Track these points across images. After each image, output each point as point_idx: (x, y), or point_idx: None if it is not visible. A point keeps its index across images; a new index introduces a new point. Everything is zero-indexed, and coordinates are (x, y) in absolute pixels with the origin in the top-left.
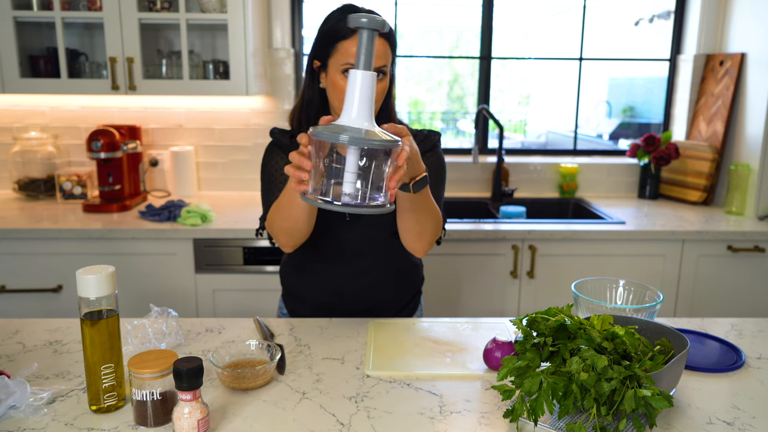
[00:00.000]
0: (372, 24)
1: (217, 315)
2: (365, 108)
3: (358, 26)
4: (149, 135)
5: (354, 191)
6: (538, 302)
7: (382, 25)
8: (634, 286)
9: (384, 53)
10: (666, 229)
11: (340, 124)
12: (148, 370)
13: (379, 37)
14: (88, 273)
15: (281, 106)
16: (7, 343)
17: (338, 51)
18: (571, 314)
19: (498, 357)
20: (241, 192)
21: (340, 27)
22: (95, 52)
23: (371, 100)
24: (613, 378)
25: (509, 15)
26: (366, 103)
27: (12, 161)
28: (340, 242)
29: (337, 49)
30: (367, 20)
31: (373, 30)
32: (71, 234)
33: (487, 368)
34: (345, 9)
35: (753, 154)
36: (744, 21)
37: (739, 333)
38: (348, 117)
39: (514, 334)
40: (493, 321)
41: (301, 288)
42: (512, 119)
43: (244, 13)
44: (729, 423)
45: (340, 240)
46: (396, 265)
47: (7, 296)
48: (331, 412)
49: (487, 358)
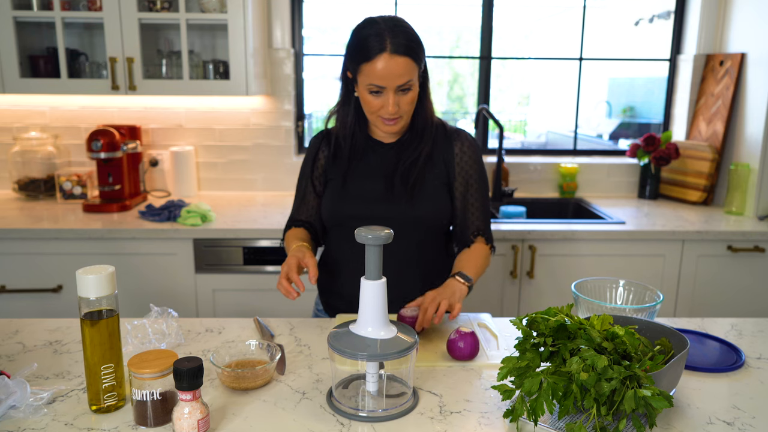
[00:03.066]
0: (375, 241)
1: (217, 315)
2: (379, 316)
3: (363, 242)
4: (149, 135)
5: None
6: (538, 302)
7: (386, 239)
8: (634, 286)
9: (406, 70)
10: (666, 229)
11: (358, 334)
12: (148, 370)
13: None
14: (88, 273)
15: (281, 106)
16: (7, 343)
17: (362, 72)
18: (571, 314)
19: (461, 347)
20: (241, 192)
21: (361, 48)
22: (95, 52)
23: (384, 307)
24: (613, 378)
25: (509, 15)
26: (379, 311)
27: (12, 161)
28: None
29: (361, 71)
30: (371, 237)
31: (377, 246)
32: (71, 234)
33: (451, 358)
34: (366, 24)
35: (753, 154)
36: (744, 21)
37: (739, 333)
38: (364, 327)
39: (478, 326)
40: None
41: (334, 282)
42: (512, 119)
43: (244, 13)
44: (729, 423)
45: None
46: (426, 256)
47: (7, 296)
48: (331, 412)
49: (451, 348)
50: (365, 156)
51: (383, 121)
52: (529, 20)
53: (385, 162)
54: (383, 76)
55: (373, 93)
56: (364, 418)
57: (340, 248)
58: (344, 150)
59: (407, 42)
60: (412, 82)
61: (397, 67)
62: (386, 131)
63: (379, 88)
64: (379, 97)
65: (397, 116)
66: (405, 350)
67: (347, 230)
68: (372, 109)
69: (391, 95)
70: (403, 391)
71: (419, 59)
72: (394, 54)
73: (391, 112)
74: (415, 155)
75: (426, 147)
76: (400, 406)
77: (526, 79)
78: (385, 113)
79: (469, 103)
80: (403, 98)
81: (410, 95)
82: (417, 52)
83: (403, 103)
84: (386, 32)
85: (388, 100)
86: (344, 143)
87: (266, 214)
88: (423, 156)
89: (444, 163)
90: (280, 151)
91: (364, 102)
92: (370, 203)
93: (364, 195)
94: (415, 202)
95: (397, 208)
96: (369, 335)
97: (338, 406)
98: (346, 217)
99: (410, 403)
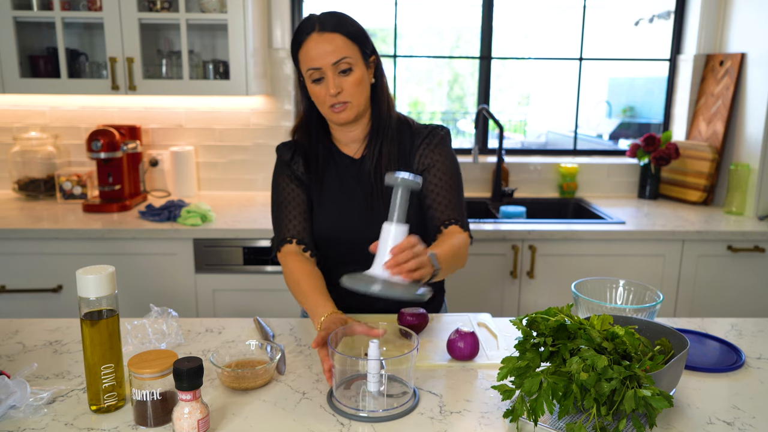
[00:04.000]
0: (405, 183)
1: (217, 315)
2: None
3: (392, 184)
4: (149, 135)
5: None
6: (538, 302)
7: (417, 185)
8: (634, 286)
9: (337, 46)
10: (666, 229)
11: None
12: (148, 370)
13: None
14: (88, 273)
15: (281, 106)
16: (7, 343)
17: (300, 60)
18: (571, 314)
19: (461, 347)
20: (241, 192)
21: (295, 37)
22: (95, 52)
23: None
24: (613, 378)
25: (509, 15)
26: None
27: (12, 161)
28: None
29: (299, 59)
30: (401, 179)
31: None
32: (71, 234)
33: (451, 358)
34: (304, 19)
35: (753, 154)
36: (744, 21)
37: (739, 333)
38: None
39: (477, 325)
40: (457, 315)
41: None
42: (512, 119)
43: (244, 13)
44: (729, 423)
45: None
46: None
47: (7, 296)
48: (331, 412)
49: (451, 349)
50: (338, 171)
51: (332, 110)
52: (529, 20)
53: (360, 176)
54: (315, 55)
55: (315, 81)
56: (364, 418)
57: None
58: (313, 163)
59: (337, 20)
60: (350, 60)
61: (327, 43)
62: (339, 120)
63: (317, 72)
64: (321, 85)
65: (343, 100)
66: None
67: (333, 249)
68: (320, 100)
69: (330, 75)
70: (403, 391)
71: (356, 39)
72: (322, 32)
73: (332, 92)
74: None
75: (390, 149)
76: (400, 406)
77: (526, 79)
78: (330, 98)
79: (469, 103)
80: (345, 80)
81: (352, 77)
82: (350, 32)
83: (346, 84)
84: (316, 17)
85: (328, 81)
86: (310, 153)
87: (266, 214)
88: (387, 160)
89: (407, 162)
90: None
91: (313, 96)
92: (352, 224)
93: (344, 216)
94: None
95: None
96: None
97: (338, 406)
98: (332, 239)
99: (410, 403)
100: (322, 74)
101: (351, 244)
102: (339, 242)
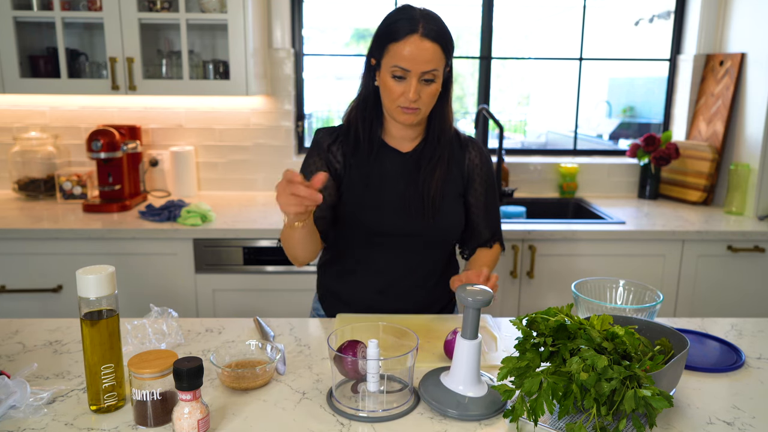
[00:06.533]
0: (476, 304)
1: (217, 315)
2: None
3: (466, 305)
4: (149, 135)
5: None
6: (538, 302)
7: (487, 303)
8: (634, 286)
9: (433, 57)
10: (666, 229)
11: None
12: (148, 370)
13: (428, 40)
14: (88, 273)
15: (281, 106)
16: (7, 343)
17: (389, 53)
18: (571, 314)
19: None
20: (241, 192)
21: (392, 29)
22: (95, 52)
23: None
24: (613, 378)
25: (509, 15)
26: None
27: (12, 161)
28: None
29: (388, 51)
30: (472, 300)
31: (477, 309)
32: (71, 234)
33: (448, 359)
34: (402, 9)
35: (753, 154)
36: (744, 21)
37: (739, 333)
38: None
39: None
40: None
41: (342, 289)
42: (512, 119)
43: (244, 13)
44: (729, 423)
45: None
46: (435, 266)
47: (7, 296)
48: (331, 412)
49: (448, 349)
50: (382, 163)
51: (402, 110)
52: (529, 20)
53: (405, 172)
54: (410, 57)
55: (396, 78)
56: (364, 418)
57: (353, 254)
58: (361, 149)
59: (439, 30)
60: (436, 72)
61: (425, 51)
62: (403, 121)
63: (403, 72)
64: (401, 83)
65: (416, 106)
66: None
67: (363, 240)
68: (392, 96)
69: (414, 81)
70: (403, 391)
71: (448, 53)
72: (424, 38)
73: (411, 99)
74: (432, 166)
75: (444, 156)
76: (400, 406)
77: (526, 79)
78: (405, 101)
79: (469, 103)
80: (425, 89)
81: (433, 87)
82: (446, 44)
83: (424, 94)
84: (420, 17)
85: (410, 86)
86: (363, 138)
87: (266, 214)
88: (442, 168)
89: (459, 173)
90: (280, 151)
91: (385, 88)
92: (390, 216)
93: (384, 206)
94: (436, 217)
95: (418, 223)
96: (461, 392)
97: (338, 406)
98: (365, 227)
99: (410, 403)
100: (406, 75)
101: (383, 236)
102: (366, 228)
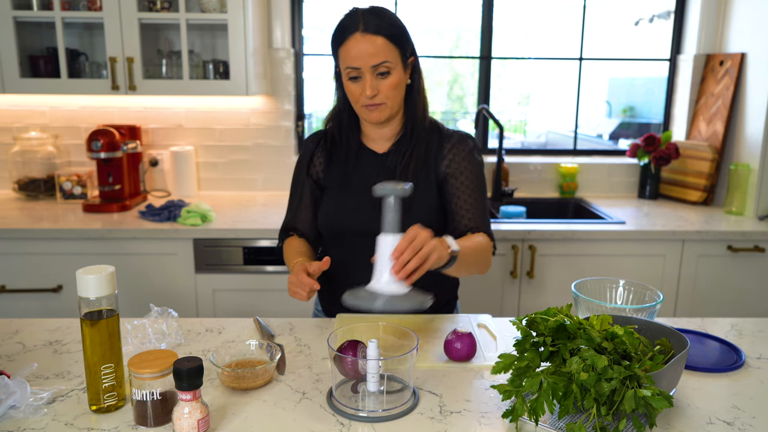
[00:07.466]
0: (392, 191)
1: (217, 315)
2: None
3: (381, 194)
4: (149, 135)
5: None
6: (538, 302)
7: (403, 191)
8: (634, 286)
9: (379, 49)
10: (666, 229)
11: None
12: (148, 370)
13: (370, 34)
14: (88, 273)
15: (281, 106)
16: (7, 343)
17: (341, 57)
18: (570, 314)
19: (458, 348)
20: (241, 192)
21: (337, 33)
22: (95, 52)
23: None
24: (613, 378)
25: (509, 15)
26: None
27: (12, 161)
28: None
29: (340, 55)
30: (389, 188)
31: (396, 196)
32: (71, 234)
33: (447, 359)
34: (347, 13)
35: (753, 154)
36: (744, 21)
37: (739, 333)
38: (378, 282)
39: (477, 326)
40: (457, 315)
41: (337, 289)
42: (512, 119)
43: (244, 13)
44: (729, 423)
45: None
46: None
47: (7, 296)
48: (331, 412)
49: (448, 349)
50: (360, 165)
51: (366, 109)
52: (529, 20)
53: (381, 171)
54: (356, 55)
55: (352, 79)
56: (364, 418)
57: (338, 258)
58: (340, 154)
59: (380, 22)
60: (389, 64)
61: (369, 45)
62: (372, 119)
63: (356, 71)
64: (358, 83)
65: (377, 102)
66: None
67: (344, 242)
68: (354, 98)
69: (368, 77)
70: (403, 391)
71: (398, 42)
72: (366, 33)
73: (368, 95)
74: (405, 161)
75: (418, 150)
76: (400, 406)
77: (526, 79)
78: (365, 98)
79: (469, 103)
80: (382, 82)
81: (390, 80)
82: (393, 34)
83: (383, 87)
84: (360, 15)
85: (366, 82)
86: (339, 146)
87: (266, 214)
88: (414, 162)
89: (435, 166)
90: (280, 151)
91: (348, 92)
92: (368, 216)
93: (362, 207)
94: (413, 211)
95: None
96: (383, 289)
97: (338, 406)
98: (344, 230)
99: (410, 403)
100: (360, 74)
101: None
102: (350, 233)
